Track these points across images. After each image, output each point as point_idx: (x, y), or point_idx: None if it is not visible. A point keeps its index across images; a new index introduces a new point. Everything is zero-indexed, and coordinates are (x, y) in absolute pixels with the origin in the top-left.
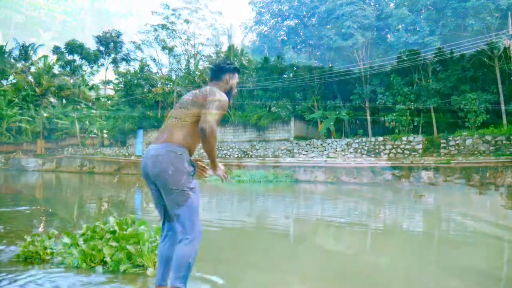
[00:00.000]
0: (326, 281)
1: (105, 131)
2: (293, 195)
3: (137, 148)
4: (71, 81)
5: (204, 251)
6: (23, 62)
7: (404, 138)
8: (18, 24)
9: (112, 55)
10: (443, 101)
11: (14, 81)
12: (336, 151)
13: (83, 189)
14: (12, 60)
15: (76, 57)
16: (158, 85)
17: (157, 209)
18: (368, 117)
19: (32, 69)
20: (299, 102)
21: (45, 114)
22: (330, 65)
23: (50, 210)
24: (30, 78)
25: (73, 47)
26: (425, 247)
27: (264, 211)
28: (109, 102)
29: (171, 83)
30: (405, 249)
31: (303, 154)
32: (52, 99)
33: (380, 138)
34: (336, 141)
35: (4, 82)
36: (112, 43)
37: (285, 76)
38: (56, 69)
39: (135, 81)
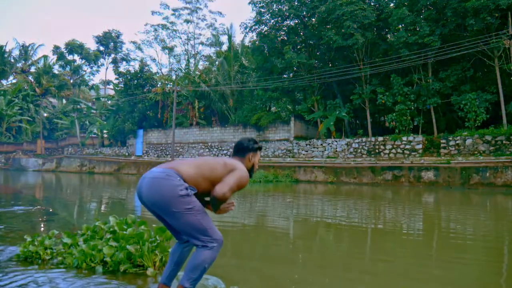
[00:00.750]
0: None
1: (105, 131)
2: (293, 196)
3: (137, 148)
4: (71, 81)
5: None
6: (23, 62)
7: (404, 138)
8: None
9: (112, 55)
10: (443, 101)
11: (14, 81)
12: (336, 151)
13: (83, 189)
14: (12, 60)
15: (76, 57)
16: (158, 85)
17: (167, 228)
18: (368, 117)
19: (32, 69)
20: (299, 102)
21: (45, 114)
22: (330, 65)
23: (50, 210)
24: (30, 78)
25: (73, 47)
26: (435, 250)
27: (264, 212)
28: (109, 102)
29: (171, 83)
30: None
31: (303, 154)
32: (52, 99)
33: (380, 138)
34: (336, 141)
35: (4, 82)
36: (112, 43)
37: (285, 76)
38: (56, 69)
39: (135, 81)
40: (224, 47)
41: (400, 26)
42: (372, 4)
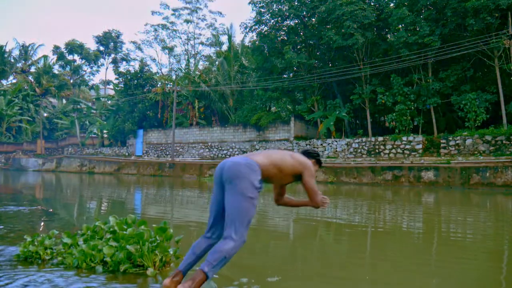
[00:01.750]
0: None
1: (105, 131)
2: (293, 196)
3: (137, 148)
4: (71, 81)
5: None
6: (23, 62)
7: (404, 138)
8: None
9: (112, 55)
10: (443, 101)
11: (14, 81)
12: (336, 151)
13: (83, 189)
14: (12, 60)
15: (76, 57)
16: (158, 85)
17: (211, 210)
18: (368, 117)
19: (32, 69)
20: (299, 102)
21: (45, 114)
22: (330, 65)
23: (50, 210)
24: (30, 78)
25: (73, 47)
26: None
27: (264, 212)
28: (109, 102)
29: (171, 83)
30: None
31: None
32: (52, 99)
33: (380, 138)
34: (336, 141)
35: (4, 82)
36: (112, 43)
37: (285, 76)
38: (56, 69)
39: (135, 81)
40: (224, 47)
41: (400, 26)
42: (372, 4)
